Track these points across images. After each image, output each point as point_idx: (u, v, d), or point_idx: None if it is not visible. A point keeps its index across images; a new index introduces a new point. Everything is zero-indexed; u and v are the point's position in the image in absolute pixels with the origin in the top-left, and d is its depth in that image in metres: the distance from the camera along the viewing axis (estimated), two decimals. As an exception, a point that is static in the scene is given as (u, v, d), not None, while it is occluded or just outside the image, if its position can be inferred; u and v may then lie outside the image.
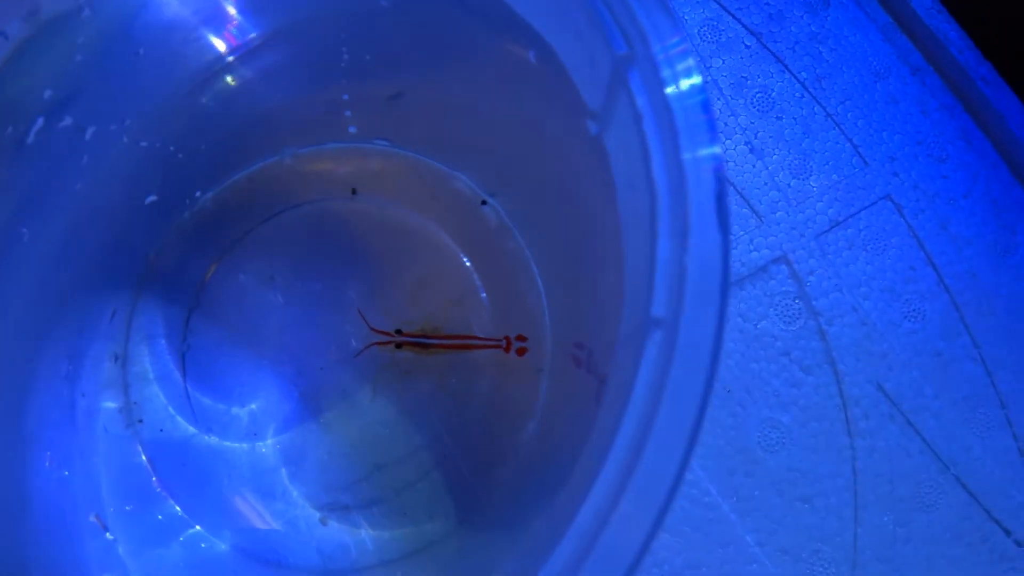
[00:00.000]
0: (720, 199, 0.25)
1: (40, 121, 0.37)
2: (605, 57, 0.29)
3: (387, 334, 0.46)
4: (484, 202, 0.48)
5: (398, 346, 0.46)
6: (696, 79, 0.27)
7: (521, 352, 0.46)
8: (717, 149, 0.27)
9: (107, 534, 0.40)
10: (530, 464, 0.43)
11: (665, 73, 0.27)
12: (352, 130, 0.47)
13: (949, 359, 0.51)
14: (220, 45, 0.39)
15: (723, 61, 0.55)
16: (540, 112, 0.39)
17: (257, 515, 0.44)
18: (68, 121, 0.38)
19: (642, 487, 0.24)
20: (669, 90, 0.27)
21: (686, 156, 0.26)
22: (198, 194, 0.47)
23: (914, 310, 0.51)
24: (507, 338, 0.46)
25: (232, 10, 0.38)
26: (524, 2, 0.33)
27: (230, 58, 0.40)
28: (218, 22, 0.38)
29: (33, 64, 0.35)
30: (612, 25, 0.28)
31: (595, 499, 0.24)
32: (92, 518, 0.40)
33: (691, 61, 0.28)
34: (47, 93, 0.36)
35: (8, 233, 0.39)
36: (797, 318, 0.51)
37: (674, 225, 0.26)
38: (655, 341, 0.25)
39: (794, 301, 0.51)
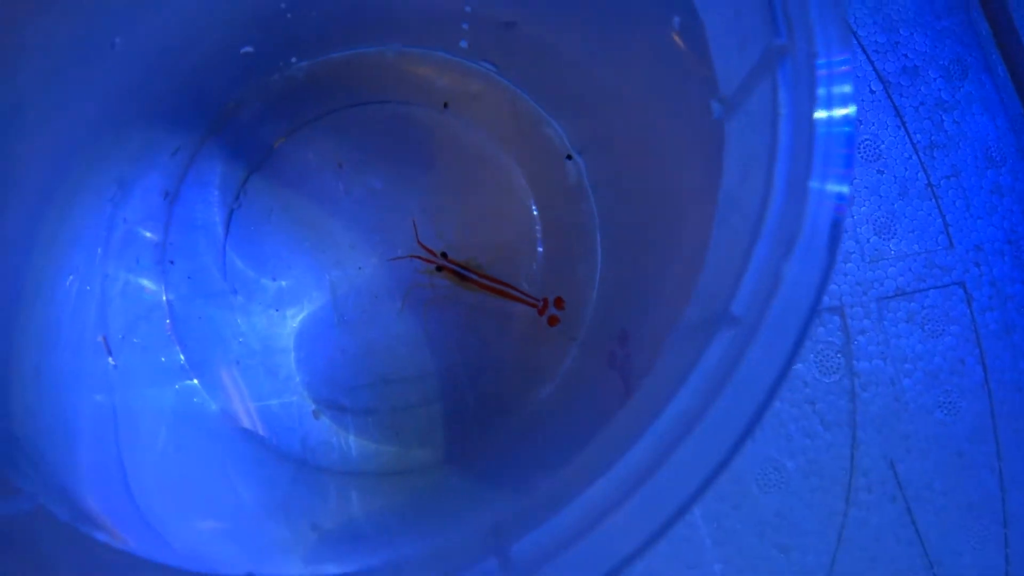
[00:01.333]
0: (836, 227, 0.24)
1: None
2: (758, 43, 0.28)
3: (432, 253, 0.45)
4: (570, 156, 0.47)
5: (438, 268, 0.45)
6: (851, 109, 0.26)
7: (552, 321, 0.46)
8: (846, 189, 0.25)
9: (109, 358, 0.40)
10: (536, 427, 0.42)
11: (820, 89, 0.26)
12: (463, 44, 0.46)
13: (969, 462, 0.50)
14: None
15: (845, 97, 0.53)
16: (660, 80, 0.37)
17: (256, 387, 0.44)
18: (193, -52, 0.37)
19: (665, 484, 0.23)
20: (819, 114, 0.26)
21: (814, 185, 0.25)
22: (293, 60, 0.46)
23: (951, 403, 0.50)
24: (545, 299, 0.46)
25: None
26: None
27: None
28: None
29: None
30: (780, 14, 0.27)
31: (605, 486, 0.23)
32: (99, 338, 0.40)
33: (849, 87, 0.26)
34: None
35: (102, 39, 0.38)
36: (834, 372, 0.50)
37: (781, 231, 0.24)
38: (724, 338, 0.23)
39: (836, 354, 0.50)
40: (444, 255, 0.45)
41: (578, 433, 0.35)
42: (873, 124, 0.53)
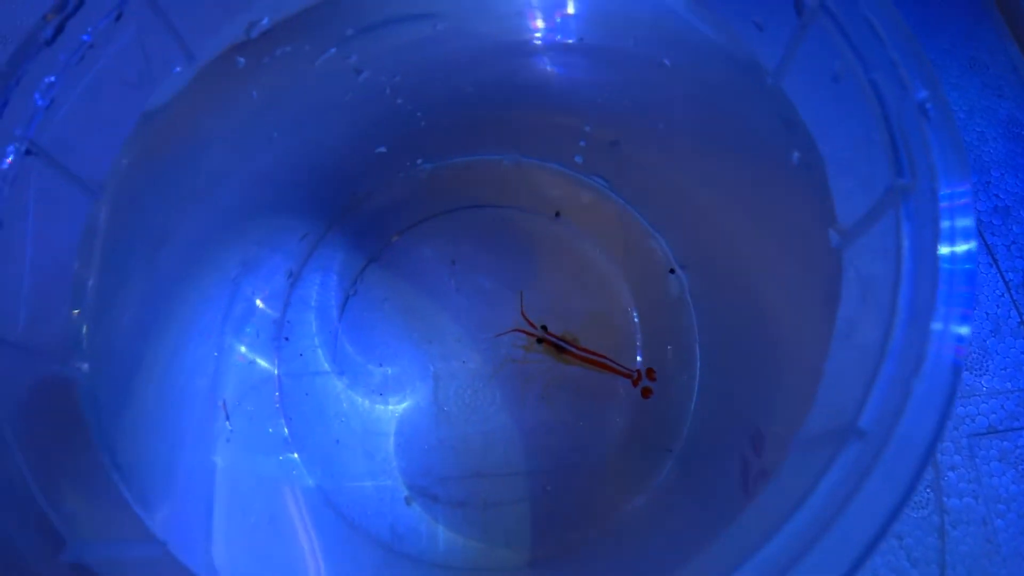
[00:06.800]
0: (956, 369, 0.25)
1: (332, 51, 0.40)
2: (880, 179, 0.30)
3: (533, 326, 0.47)
4: (672, 271, 0.49)
5: (539, 340, 0.47)
6: (972, 244, 0.27)
7: (646, 393, 0.47)
8: (966, 331, 0.26)
9: (227, 423, 0.42)
10: (625, 538, 0.42)
11: (944, 222, 0.27)
12: (578, 160, 0.49)
13: (1065, 615, 0.48)
14: (535, 25, 0.41)
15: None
16: (770, 204, 0.39)
17: (352, 467, 0.45)
18: (353, 59, 0.41)
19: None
20: (943, 249, 0.27)
21: (936, 326, 0.26)
22: (419, 161, 0.50)
23: (1046, 549, 0.49)
24: (639, 371, 0.47)
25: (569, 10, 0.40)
26: (812, 106, 0.34)
27: (537, 42, 0.41)
28: (549, 10, 0.40)
29: (343, 7, 0.39)
30: (903, 154, 0.29)
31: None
32: (220, 403, 0.42)
33: (971, 220, 0.28)
34: (348, 31, 0.40)
35: (259, 132, 0.42)
36: (923, 507, 0.49)
37: (906, 351, 0.26)
38: (852, 451, 0.24)
39: (925, 489, 0.49)
40: (544, 328, 0.47)
41: (672, 548, 0.36)
42: (965, 261, 0.54)
